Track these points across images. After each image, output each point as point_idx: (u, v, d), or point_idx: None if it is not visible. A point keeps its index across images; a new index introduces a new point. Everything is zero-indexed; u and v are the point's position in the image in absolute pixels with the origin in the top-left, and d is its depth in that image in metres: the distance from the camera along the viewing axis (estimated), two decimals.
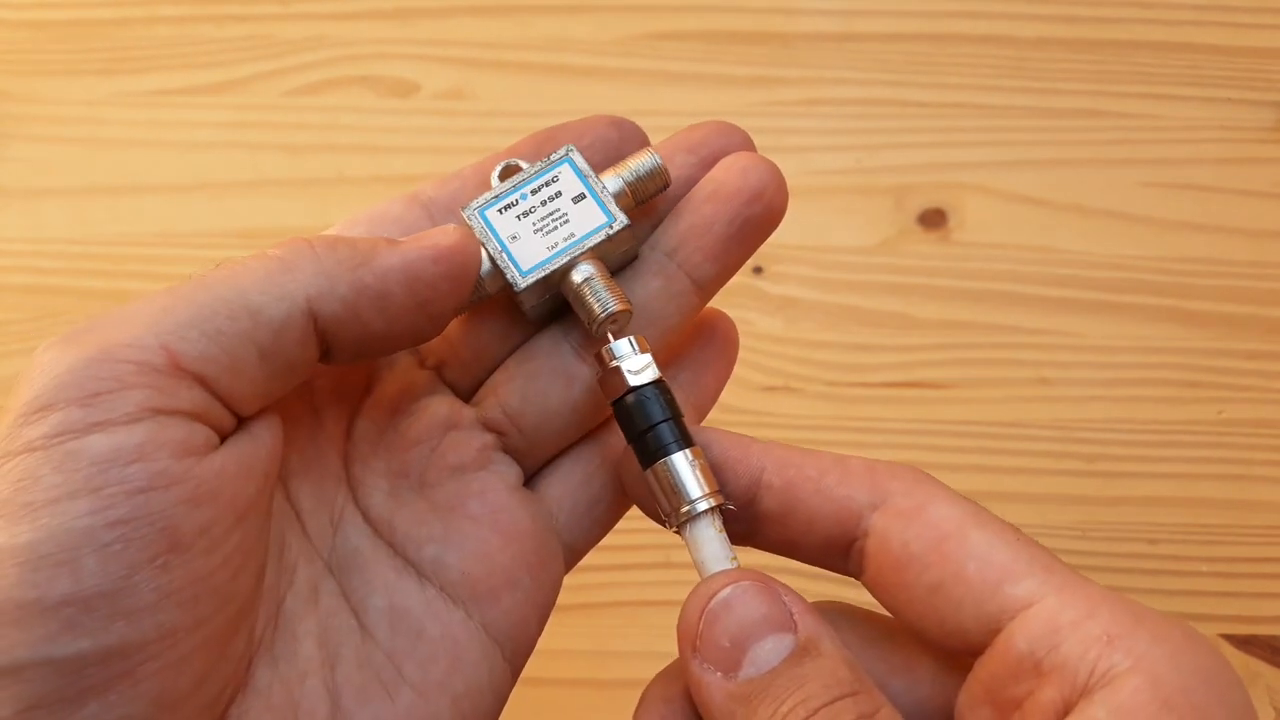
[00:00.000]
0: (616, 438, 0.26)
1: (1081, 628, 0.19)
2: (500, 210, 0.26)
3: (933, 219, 0.46)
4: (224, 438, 0.22)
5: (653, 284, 0.26)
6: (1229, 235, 0.46)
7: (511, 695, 0.26)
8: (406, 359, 0.26)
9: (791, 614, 0.21)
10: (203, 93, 0.48)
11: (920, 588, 0.22)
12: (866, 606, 0.24)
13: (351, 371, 0.26)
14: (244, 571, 0.21)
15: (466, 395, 0.27)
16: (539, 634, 0.26)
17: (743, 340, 0.29)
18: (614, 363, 0.24)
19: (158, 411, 0.20)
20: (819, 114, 0.48)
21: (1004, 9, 0.49)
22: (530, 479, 0.27)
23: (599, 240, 0.25)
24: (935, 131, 0.47)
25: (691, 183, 0.27)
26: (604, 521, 0.27)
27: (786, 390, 0.44)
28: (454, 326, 0.26)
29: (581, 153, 0.26)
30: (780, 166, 0.25)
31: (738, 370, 0.28)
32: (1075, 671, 0.19)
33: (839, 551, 0.23)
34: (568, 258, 0.25)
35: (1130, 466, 0.43)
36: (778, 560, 0.24)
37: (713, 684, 0.21)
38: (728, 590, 0.22)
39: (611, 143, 0.27)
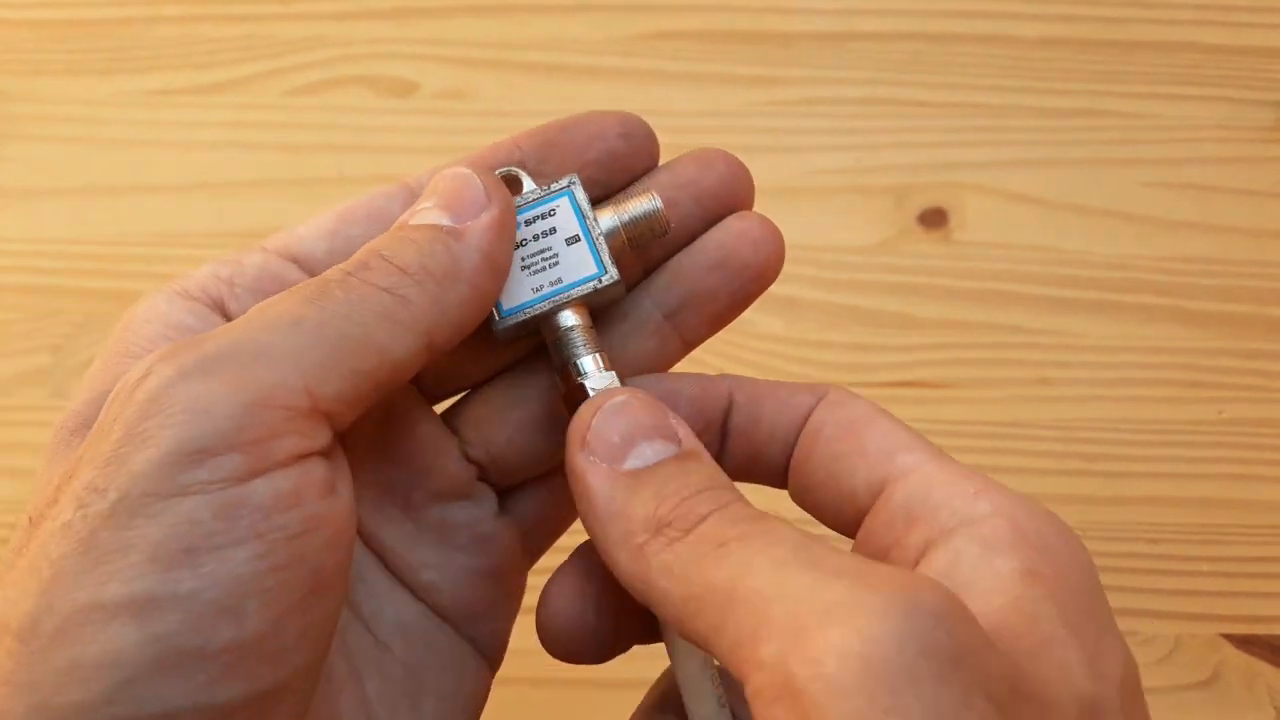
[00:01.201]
0: None
1: (953, 485, 0.21)
2: None
3: (933, 219, 0.46)
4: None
5: (647, 345, 0.26)
6: (1230, 235, 0.46)
7: (511, 696, 0.26)
8: None
9: (676, 431, 0.22)
10: (202, 92, 0.48)
11: (827, 457, 0.23)
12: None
13: None
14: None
15: (441, 402, 0.27)
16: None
17: (743, 340, 0.29)
18: (579, 379, 0.24)
19: (303, 456, 0.20)
20: (819, 113, 0.48)
21: (1004, 8, 0.49)
22: (501, 496, 0.27)
23: (585, 292, 0.24)
24: (936, 131, 0.47)
25: (691, 226, 0.26)
26: (564, 528, 0.28)
27: None
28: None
29: (581, 175, 0.25)
30: (780, 166, 0.26)
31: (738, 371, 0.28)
32: (942, 516, 0.21)
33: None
34: (550, 305, 0.24)
35: (1131, 466, 0.43)
36: None
37: (597, 470, 0.22)
38: (622, 397, 0.23)
39: (619, 156, 0.26)
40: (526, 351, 0.26)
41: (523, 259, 0.25)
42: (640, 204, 0.25)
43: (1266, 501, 0.42)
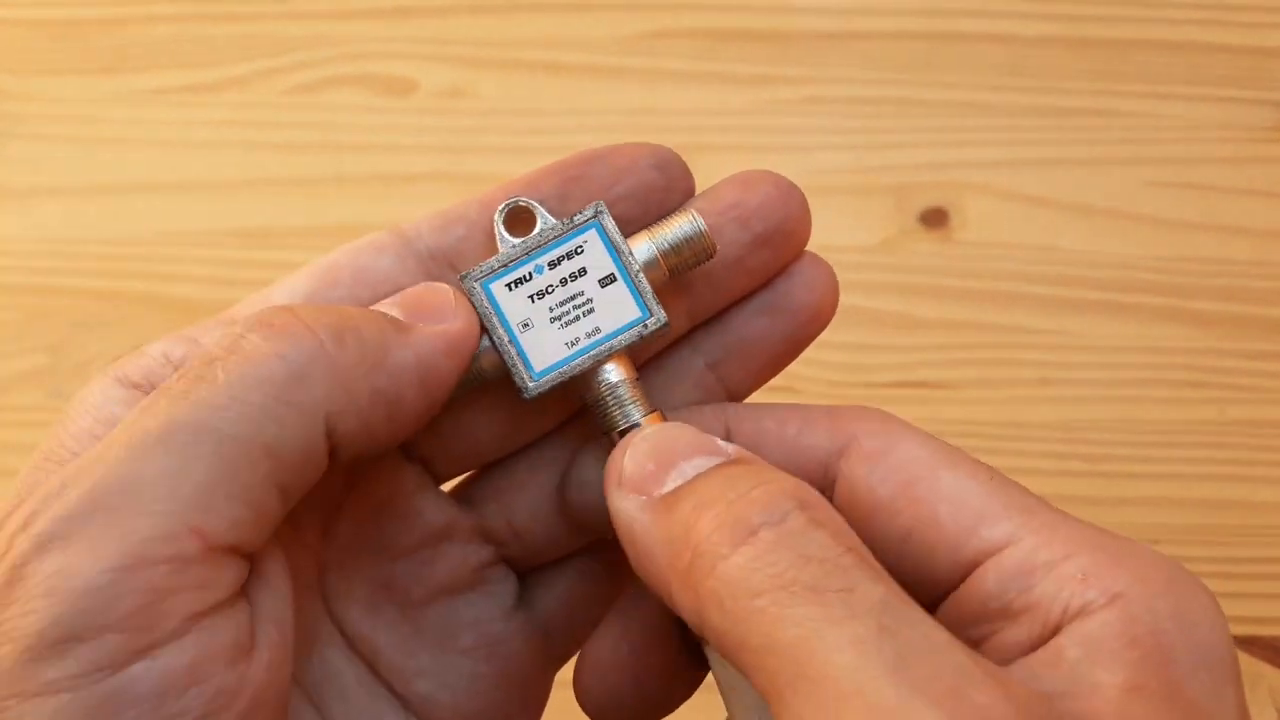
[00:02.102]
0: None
1: (1058, 568, 0.18)
2: (509, 285, 0.21)
3: (934, 218, 0.46)
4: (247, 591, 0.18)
5: (689, 398, 0.23)
6: (1232, 235, 0.46)
7: None
8: (391, 451, 0.22)
9: (721, 445, 0.19)
10: (201, 92, 0.48)
11: (891, 535, 0.20)
12: None
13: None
14: None
15: (458, 488, 0.24)
16: None
17: None
18: None
19: (201, 616, 0.17)
20: (820, 113, 0.48)
21: (1006, 8, 0.49)
22: (522, 580, 0.24)
23: (630, 341, 0.21)
24: (937, 130, 0.47)
25: (739, 256, 0.22)
26: (594, 623, 0.23)
27: (789, 391, 0.44)
28: (450, 418, 0.22)
29: (612, 211, 0.21)
30: (780, 166, 0.23)
31: None
32: (1048, 610, 0.18)
33: None
34: (591, 360, 0.21)
35: (1133, 467, 0.43)
36: None
37: (633, 504, 0.19)
38: (653, 426, 0.20)
39: (656, 189, 0.22)
40: (557, 424, 0.23)
41: (551, 309, 0.21)
42: (679, 225, 0.21)
43: (1268, 502, 0.42)
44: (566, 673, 0.25)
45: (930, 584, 0.20)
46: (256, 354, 0.18)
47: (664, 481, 0.19)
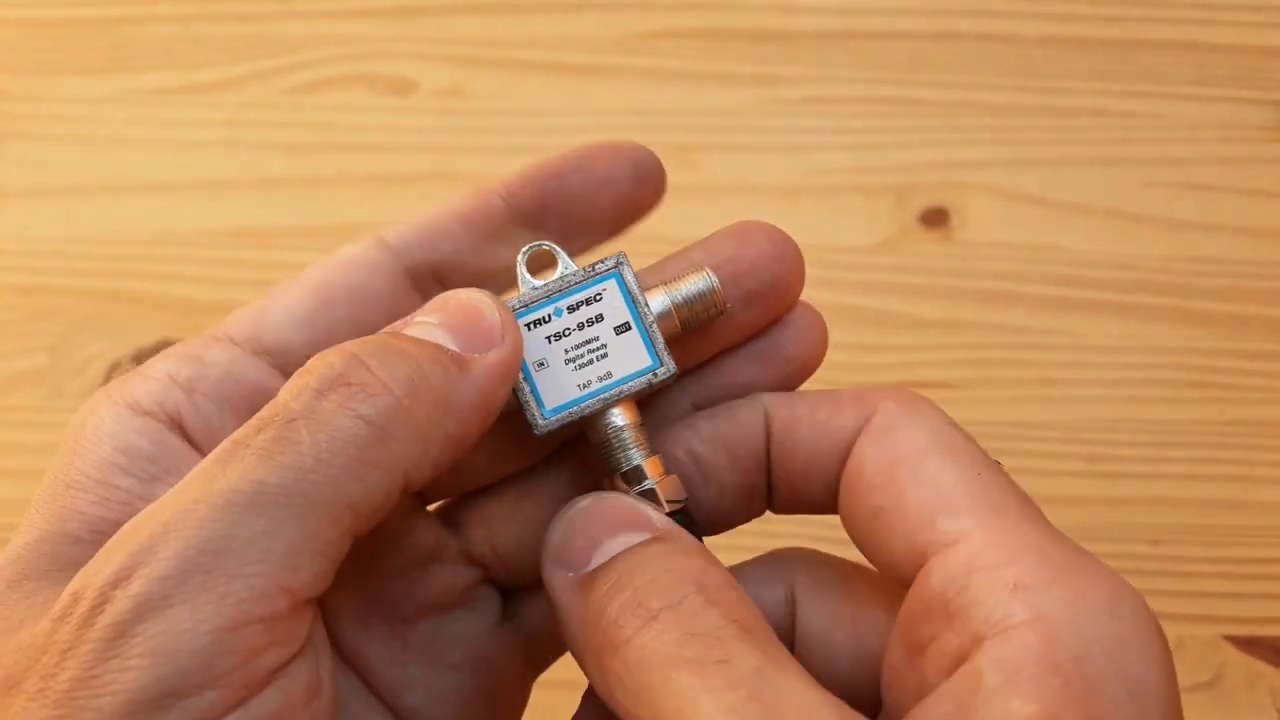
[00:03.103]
0: None
1: (995, 573, 0.18)
2: (529, 326, 0.22)
3: (935, 218, 0.46)
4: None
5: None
6: (1233, 235, 0.46)
7: None
8: None
9: (650, 518, 0.20)
10: (201, 91, 0.48)
11: (864, 513, 0.20)
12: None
13: None
14: None
15: (444, 508, 0.24)
16: None
17: None
18: (641, 486, 0.22)
19: (285, 666, 0.18)
20: (820, 113, 0.48)
21: (1006, 8, 0.49)
22: (506, 595, 0.24)
23: (639, 387, 0.22)
24: (937, 130, 0.47)
25: (731, 309, 0.23)
26: None
27: None
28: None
29: (588, 223, 0.23)
30: (781, 166, 0.24)
31: None
32: (975, 619, 0.17)
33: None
34: (600, 403, 0.22)
35: (1133, 467, 0.43)
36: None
37: (560, 580, 0.20)
38: (587, 499, 0.21)
39: (630, 201, 0.23)
40: (548, 454, 0.24)
41: (566, 351, 0.22)
42: (694, 283, 0.22)
43: (1268, 502, 0.42)
44: (566, 673, 0.25)
45: (892, 568, 0.20)
46: (338, 417, 0.18)
47: (590, 558, 0.19)
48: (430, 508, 0.24)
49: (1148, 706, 0.16)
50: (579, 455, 0.24)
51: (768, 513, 0.24)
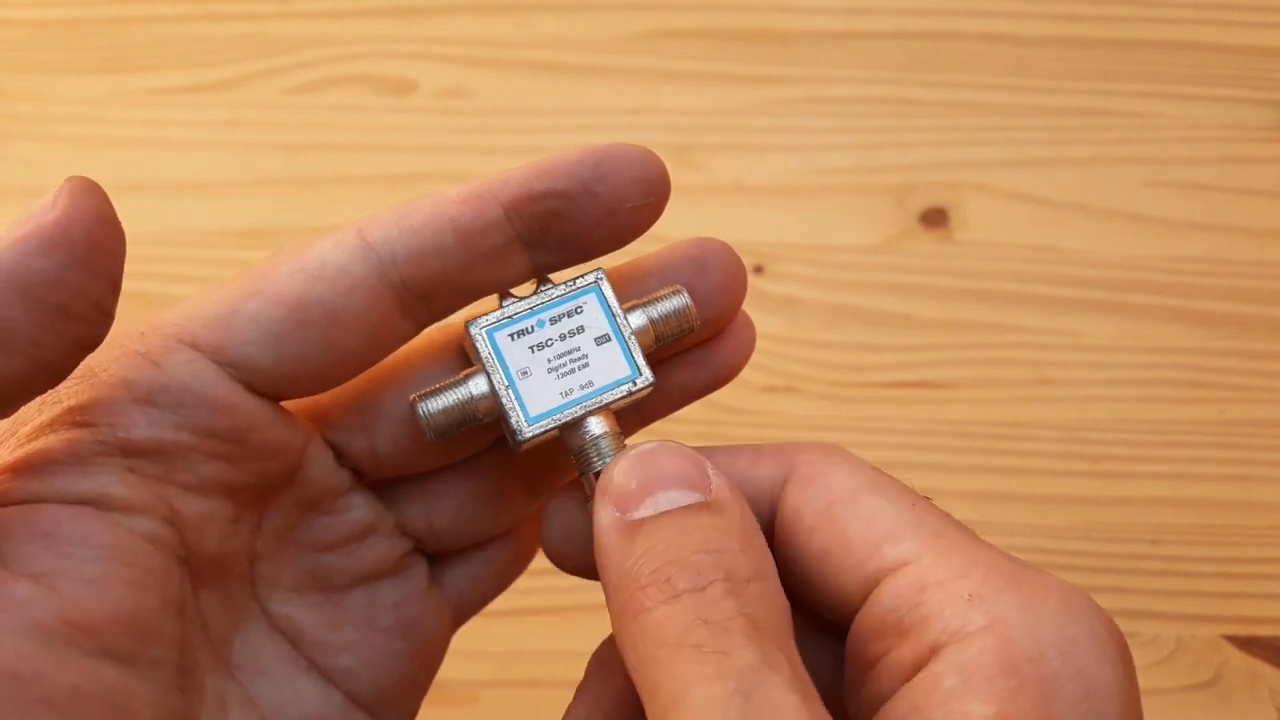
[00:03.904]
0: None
1: (948, 586, 0.18)
2: (512, 336, 0.23)
3: (935, 218, 0.46)
4: None
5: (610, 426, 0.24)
6: (1232, 235, 0.46)
7: (510, 696, 0.26)
8: (325, 455, 0.23)
9: (709, 479, 0.20)
10: (200, 91, 0.48)
11: (809, 555, 0.21)
12: None
13: (269, 466, 0.22)
14: None
15: (379, 483, 0.24)
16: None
17: None
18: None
19: None
20: (820, 112, 0.48)
21: (1006, 7, 0.49)
22: (432, 561, 0.25)
23: (619, 395, 0.23)
24: (937, 130, 0.47)
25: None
26: (498, 593, 0.26)
27: (788, 390, 0.44)
28: (387, 442, 0.23)
29: (595, 250, 0.23)
30: (781, 166, 0.25)
31: None
32: (932, 628, 0.18)
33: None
34: (582, 409, 0.22)
35: (1133, 467, 0.43)
36: None
37: (606, 517, 0.20)
38: (651, 445, 0.21)
39: (636, 216, 0.22)
40: (487, 446, 0.24)
41: (549, 360, 0.23)
42: (669, 301, 0.23)
43: (1268, 502, 0.42)
44: (565, 673, 0.26)
45: (842, 602, 0.20)
46: None
47: (640, 504, 0.20)
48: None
49: (1104, 705, 0.17)
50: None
51: None
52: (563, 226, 0.22)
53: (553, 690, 0.26)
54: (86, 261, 0.18)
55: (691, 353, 0.24)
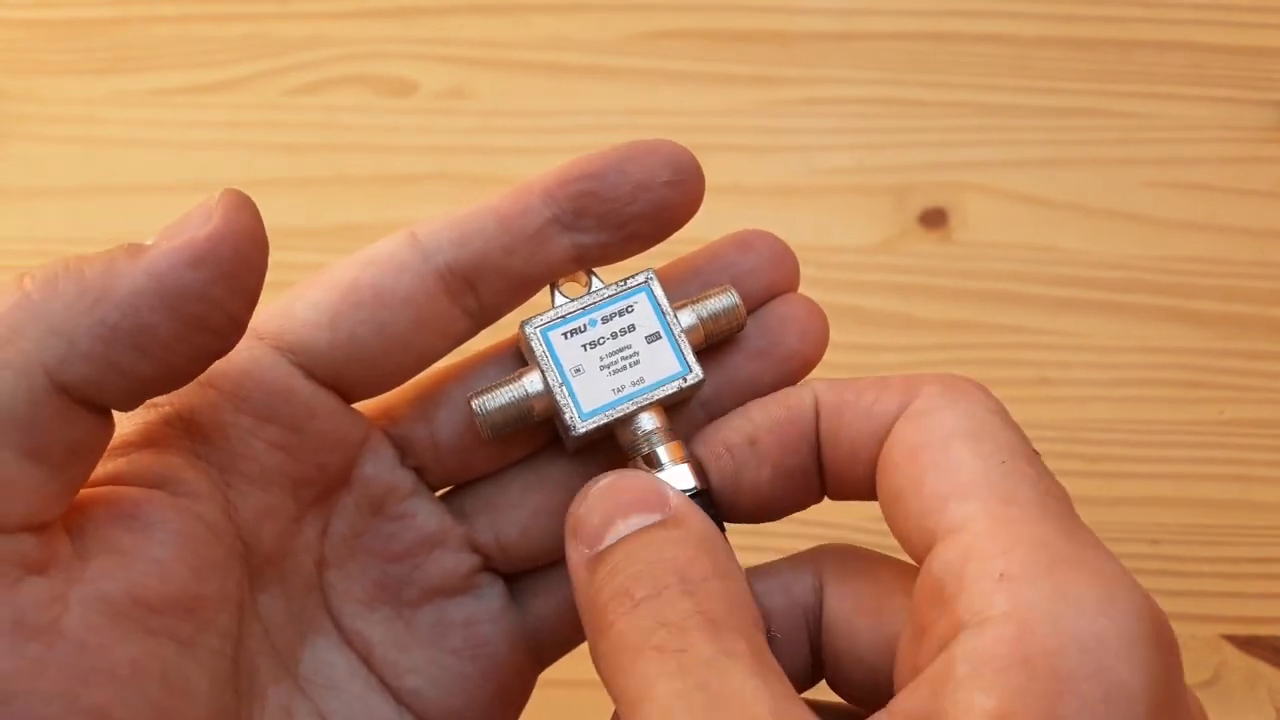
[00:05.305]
0: None
1: (989, 562, 0.17)
2: (565, 334, 0.23)
3: (934, 218, 0.46)
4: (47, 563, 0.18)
5: (680, 426, 0.24)
6: (1231, 235, 0.46)
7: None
8: (387, 452, 0.23)
9: (668, 497, 0.21)
10: (201, 92, 0.48)
11: (888, 494, 0.20)
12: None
13: (328, 459, 0.22)
14: None
15: (450, 496, 0.24)
16: None
17: None
18: (655, 472, 0.23)
19: None
20: (819, 113, 0.48)
21: (1005, 8, 0.49)
22: (511, 584, 0.25)
23: (670, 392, 0.23)
24: (936, 131, 0.47)
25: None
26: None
27: None
28: (448, 433, 0.23)
29: (626, 229, 0.23)
30: (780, 166, 0.25)
31: None
32: (958, 608, 0.17)
33: None
34: (634, 405, 0.23)
35: (1132, 467, 0.43)
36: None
37: (575, 555, 0.20)
38: (609, 477, 0.21)
39: (667, 208, 0.23)
40: (546, 441, 0.24)
41: (601, 358, 0.23)
42: (719, 300, 0.24)
43: (1267, 502, 0.42)
44: (565, 673, 0.25)
45: (909, 549, 0.20)
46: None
47: (603, 537, 0.20)
48: (438, 494, 0.24)
49: (1124, 710, 0.16)
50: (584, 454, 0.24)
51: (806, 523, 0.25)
52: (597, 205, 0.22)
53: (553, 690, 0.26)
54: (232, 278, 0.19)
55: (756, 341, 0.24)
